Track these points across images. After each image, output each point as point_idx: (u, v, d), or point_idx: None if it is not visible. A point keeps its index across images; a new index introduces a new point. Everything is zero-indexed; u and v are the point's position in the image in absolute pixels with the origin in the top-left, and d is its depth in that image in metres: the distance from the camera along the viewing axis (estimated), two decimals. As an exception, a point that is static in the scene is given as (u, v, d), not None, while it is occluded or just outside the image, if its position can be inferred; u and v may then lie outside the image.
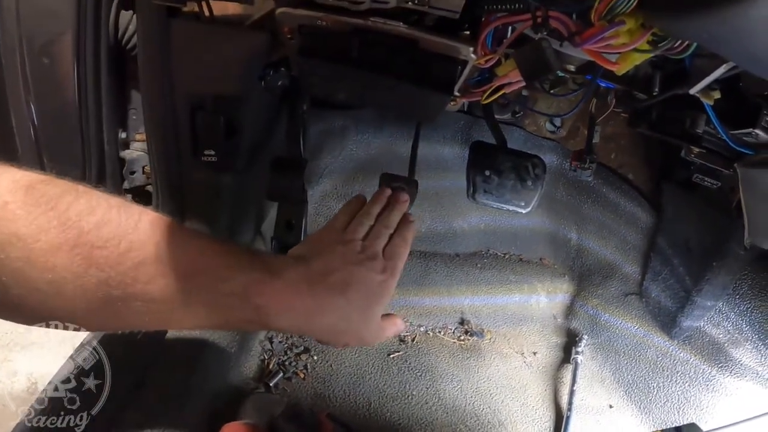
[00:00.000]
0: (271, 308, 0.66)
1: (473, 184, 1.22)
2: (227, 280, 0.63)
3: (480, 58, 0.93)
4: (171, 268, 0.59)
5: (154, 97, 1.17)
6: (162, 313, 0.61)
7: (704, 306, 1.69)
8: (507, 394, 1.63)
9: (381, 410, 1.48)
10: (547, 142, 1.98)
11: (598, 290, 1.97)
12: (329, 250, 0.78)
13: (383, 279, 0.78)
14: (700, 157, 1.43)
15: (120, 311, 0.59)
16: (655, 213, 1.89)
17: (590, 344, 1.85)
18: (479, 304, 1.91)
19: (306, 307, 0.69)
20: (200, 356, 1.30)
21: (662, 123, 1.38)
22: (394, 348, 1.67)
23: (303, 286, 0.70)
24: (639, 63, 0.81)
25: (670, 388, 1.71)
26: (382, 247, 0.83)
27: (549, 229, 2.10)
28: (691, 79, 0.98)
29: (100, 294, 0.56)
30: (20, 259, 0.51)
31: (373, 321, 0.78)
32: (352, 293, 0.73)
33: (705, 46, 0.72)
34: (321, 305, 0.71)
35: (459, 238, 2.05)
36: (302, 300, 0.69)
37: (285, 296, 0.68)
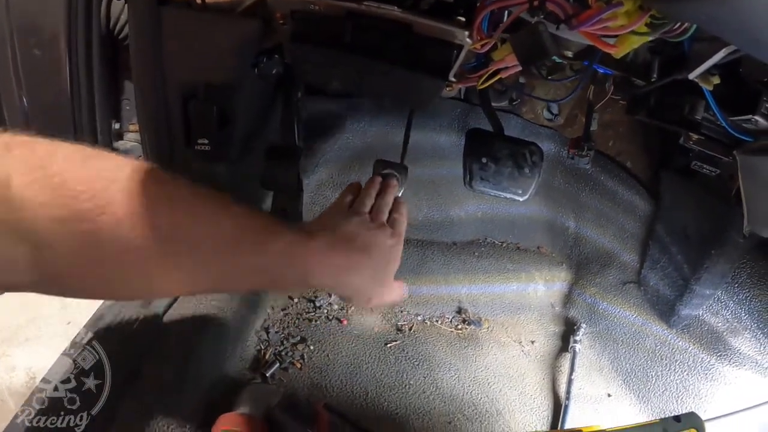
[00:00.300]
0: (313, 266, 0.73)
1: (470, 172, 1.21)
2: (273, 242, 0.68)
3: (475, 42, 0.92)
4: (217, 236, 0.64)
5: (147, 87, 1.15)
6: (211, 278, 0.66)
7: (703, 294, 1.68)
8: (505, 383, 1.62)
9: (378, 400, 1.47)
10: (544, 129, 1.97)
11: (596, 279, 1.96)
12: (346, 221, 0.86)
13: (393, 243, 0.87)
14: (698, 144, 1.42)
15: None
16: (654, 201, 1.87)
17: (588, 333, 1.84)
18: (477, 293, 1.90)
19: (339, 265, 0.77)
20: (196, 347, 1.30)
21: (661, 110, 1.37)
22: (392, 337, 1.66)
23: (335, 247, 0.78)
24: (637, 46, 0.80)
25: (668, 377, 1.71)
26: (385, 219, 0.92)
27: (547, 218, 2.09)
28: (690, 64, 0.97)
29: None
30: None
31: (389, 280, 0.87)
32: (374, 254, 0.82)
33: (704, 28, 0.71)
34: (351, 264, 0.79)
35: (456, 226, 2.04)
36: (337, 259, 0.77)
37: (323, 256, 0.75)
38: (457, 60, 0.98)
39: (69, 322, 2.05)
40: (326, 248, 0.75)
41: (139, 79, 1.16)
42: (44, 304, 2.11)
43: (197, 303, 1.39)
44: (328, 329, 1.63)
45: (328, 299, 1.70)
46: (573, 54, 1.11)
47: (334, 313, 1.68)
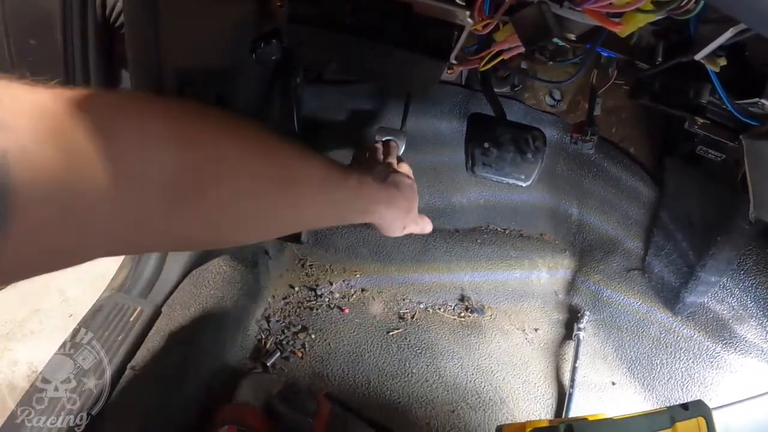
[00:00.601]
0: (373, 198, 0.91)
1: (472, 157, 1.20)
2: (349, 178, 0.82)
3: (477, 23, 0.90)
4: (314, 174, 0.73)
5: (142, 74, 1.13)
6: (309, 213, 0.77)
7: (708, 281, 1.66)
8: (508, 371, 1.61)
9: (380, 389, 1.46)
10: (546, 116, 1.94)
11: (600, 266, 1.95)
12: (372, 167, 1.04)
13: (411, 183, 1.06)
14: (704, 128, 1.39)
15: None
16: (658, 187, 1.86)
17: (592, 320, 1.83)
18: (479, 281, 1.89)
19: (384, 198, 0.94)
20: (196, 336, 1.29)
21: (665, 94, 1.35)
22: (394, 325, 1.65)
23: (380, 184, 0.96)
24: (643, 24, 0.78)
25: (673, 364, 1.69)
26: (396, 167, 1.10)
27: (549, 204, 2.08)
28: (696, 45, 0.95)
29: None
30: None
31: (415, 212, 1.05)
32: (402, 190, 1.00)
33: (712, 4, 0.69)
34: (392, 197, 0.97)
35: (458, 213, 2.03)
36: (383, 193, 0.95)
37: (377, 189, 0.93)
38: (459, 41, 0.96)
39: (71, 315, 2.05)
40: (376, 185, 0.92)
41: (134, 66, 1.14)
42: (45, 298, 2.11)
43: (196, 293, 1.38)
44: (329, 318, 1.62)
45: (329, 288, 1.70)
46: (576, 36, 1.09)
47: (336, 302, 1.67)
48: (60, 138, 0.42)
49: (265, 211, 0.66)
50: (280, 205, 0.67)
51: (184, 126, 0.54)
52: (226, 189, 0.58)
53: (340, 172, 0.79)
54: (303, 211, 0.74)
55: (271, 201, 0.65)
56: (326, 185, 0.76)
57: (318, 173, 0.74)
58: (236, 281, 1.46)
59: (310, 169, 0.72)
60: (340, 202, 0.81)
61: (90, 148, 0.44)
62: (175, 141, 0.52)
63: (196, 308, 1.35)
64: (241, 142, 0.60)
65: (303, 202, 0.72)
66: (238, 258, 1.50)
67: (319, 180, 0.74)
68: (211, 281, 1.41)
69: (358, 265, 1.82)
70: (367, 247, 1.85)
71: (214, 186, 0.56)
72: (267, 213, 0.66)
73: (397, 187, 0.99)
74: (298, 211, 0.72)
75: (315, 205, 0.76)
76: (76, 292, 2.14)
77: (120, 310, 1.30)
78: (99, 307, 1.31)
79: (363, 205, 0.87)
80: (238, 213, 0.61)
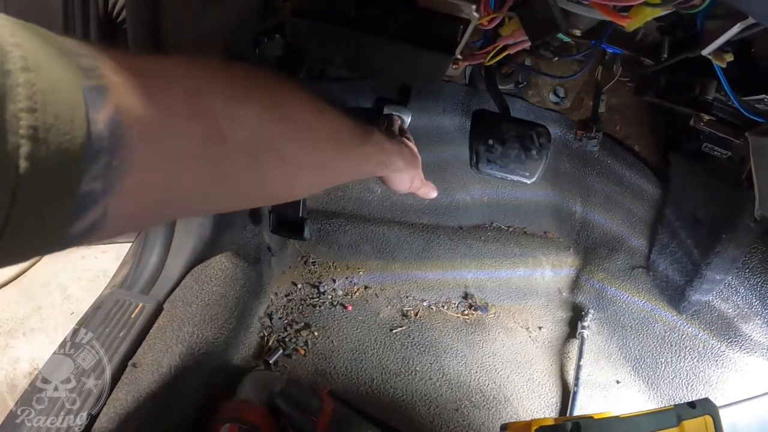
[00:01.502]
0: (392, 151, 0.96)
1: (476, 154, 1.19)
2: (373, 133, 0.87)
3: (483, 17, 0.90)
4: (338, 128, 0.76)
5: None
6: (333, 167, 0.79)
7: (713, 280, 1.66)
8: (512, 370, 1.61)
9: (384, 386, 1.46)
10: (550, 113, 1.94)
11: (604, 264, 1.94)
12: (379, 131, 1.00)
13: (413, 148, 1.11)
14: (709, 125, 1.39)
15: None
16: (662, 185, 1.85)
17: (596, 319, 1.83)
18: (483, 278, 1.89)
19: (398, 151, 1.00)
20: (198, 333, 1.28)
21: (670, 90, 1.35)
22: (397, 323, 1.65)
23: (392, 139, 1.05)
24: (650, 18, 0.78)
25: (678, 363, 1.69)
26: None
27: (553, 202, 2.07)
28: (703, 41, 0.95)
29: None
30: None
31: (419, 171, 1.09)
32: (404, 151, 1.04)
33: (722, -1, 0.69)
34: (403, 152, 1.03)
35: (462, 210, 2.02)
36: (397, 147, 1.00)
37: (393, 144, 0.99)
38: (464, 35, 0.95)
39: (72, 313, 2.05)
40: (388, 143, 0.95)
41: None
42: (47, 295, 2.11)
43: (198, 289, 1.37)
44: (332, 315, 1.62)
45: (332, 285, 1.69)
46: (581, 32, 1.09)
47: (339, 299, 1.67)
48: (161, 100, 0.44)
49: (321, 164, 0.73)
50: (329, 158, 0.74)
51: (262, 89, 0.59)
52: (293, 145, 0.63)
53: (366, 128, 0.85)
54: (346, 164, 0.82)
55: (324, 155, 0.72)
56: (361, 141, 0.83)
57: (355, 130, 0.80)
58: (239, 278, 1.45)
59: (349, 126, 0.78)
60: (370, 155, 0.88)
61: (186, 109, 0.46)
62: (254, 102, 0.56)
63: (198, 305, 1.34)
64: (300, 103, 0.65)
65: (345, 155, 0.80)
66: (240, 255, 1.50)
67: (357, 135, 0.81)
68: (213, 278, 1.41)
69: (361, 262, 1.81)
70: (370, 244, 1.84)
71: (285, 142, 0.61)
72: (323, 166, 0.73)
73: (400, 147, 1.03)
74: (343, 163, 0.81)
75: (353, 158, 0.83)
76: (78, 290, 2.14)
77: (121, 306, 1.30)
78: (100, 304, 1.30)
79: (384, 157, 0.93)
80: (301, 166, 0.65)
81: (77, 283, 2.16)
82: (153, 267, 1.40)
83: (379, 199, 1.91)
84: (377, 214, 1.91)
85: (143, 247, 1.39)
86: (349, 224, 1.85)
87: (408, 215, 1.95)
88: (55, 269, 2.22)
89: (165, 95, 0.45)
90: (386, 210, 1.92)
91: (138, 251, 1.39)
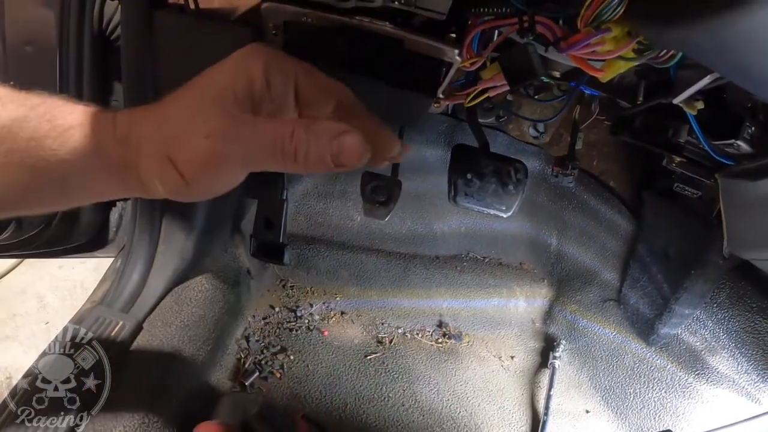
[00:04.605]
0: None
1: (454, 187, 1.21)
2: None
3: (465, 60, 0.93)
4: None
5: (136, 89, 1.15)
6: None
7: (682, 314, 1.69)
8: (484, 398, 1.63)
9: (357, 412, 1.47)
10: (530, 147, 1.97)
11: (577, 296, 1.98)
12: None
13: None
14: (681, 166, 1.43)
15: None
16: (635, 221, 1.89)
17: (568, 349, 1.86)
18: (458, 307, 1.91)
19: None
20: (176, 353, 1.29)
21: (645, 131, 1.38)
22: (372, 349, 1.66)
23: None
24: (623, 71, 0.81)
25: (646, 394, 1.72)
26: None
27: (529, 234, 2.10)
28: (676, 88, 0.98)
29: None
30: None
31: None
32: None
33: (691, 57, 0.73)
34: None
35: (439, 240, 2.04)
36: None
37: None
38: (446, 77, 0.98)
39: (47, 322, 2.04)
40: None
41: (128, 81, 1.16)
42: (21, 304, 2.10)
43: (178, 310, 1.38)
44: (308, 339, 1.63)
45: (309, 309, 1.71)
46: (560, 75, 1.12)
47: (315, 324, 1.68)
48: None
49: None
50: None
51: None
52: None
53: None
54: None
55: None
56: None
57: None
58: (218, 300, 1.47)
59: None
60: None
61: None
62: None
63: (177, 325, 1.35)
64: None
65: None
66: (220, 277, 1.51)
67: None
68: (193, 299, 1.42)
69: (338, 287, 1.83)
70: (348, 270, 1.86)
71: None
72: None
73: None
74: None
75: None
76: (54, 300, 2.13)
77: (101, 323, 1.31)
78: (80, 320, 1.31)
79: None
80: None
81: (54, 293, 2.15)
82: (134, 285, 1.41)
83: (358, 227, 1.92)
84: (356, 242, 1.92)
85: (125, 264, 1.39)
86: (328, 250, 1.86)
87: (386, 243, 1.96)
88: (32, 277, 2.21)
89: None
90: (364, 237, 1.93)
91: (119, 268, 1.40)
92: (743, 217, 1.17)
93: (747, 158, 1.11)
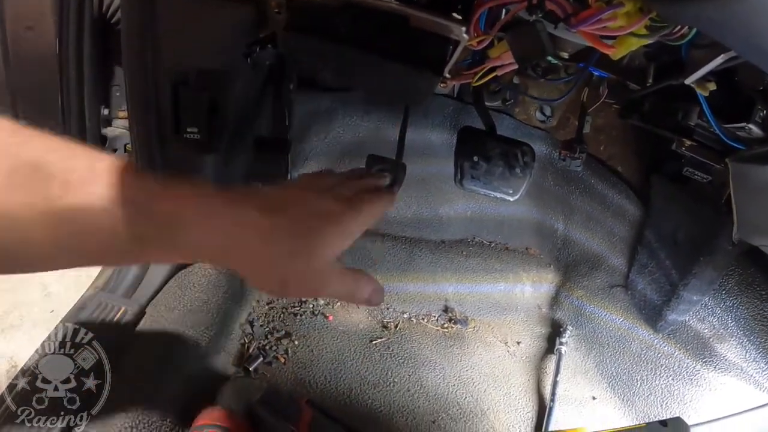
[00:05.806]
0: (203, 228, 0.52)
1: (461, 170, 1.20)
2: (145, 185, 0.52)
3: (472, 39, 0.91)
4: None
5: (137, 72, 1.13)
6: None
7: (690, 300, 1.68)
8: (490, 383, 1.62)
9: (362, 397, 1.46)
10: (536, 131, 1.96)
11: (584, 281, 1.96)
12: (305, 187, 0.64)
13: (337, 208, 0.60)
14: (691, 150, 1.41)
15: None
16: (643, 206, 1.87)
17: (574, 335, 1.84)
18: (464, 292, 1.90)
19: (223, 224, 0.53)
20: (179, 338, 1.28)
21: (654, 115, 1.37)
22: (377, 334, 1.66)
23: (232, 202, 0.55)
24: (636, 48, 0.79)
25: (653, 381, 1.70)
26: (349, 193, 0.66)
27: (536, 219, 2.09)
28: (687, 69, 0.96)
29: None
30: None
31: (318, 259, 0.57)
32: (290, 211, 0.57)
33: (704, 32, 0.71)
34: (242, 224, 0.54)
35: (445, 224, 2.03)
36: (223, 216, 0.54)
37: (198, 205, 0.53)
38: (453, 55, 0.96)
39: (52, 311, 2.04)
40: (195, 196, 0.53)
41: (129, 63, 1.14)
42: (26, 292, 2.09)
43: (181, 295, 1.38)
44: (313, 324, 1.62)
45: (314, 294, 1.69)
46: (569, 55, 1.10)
47: (320, 309, 1.67)
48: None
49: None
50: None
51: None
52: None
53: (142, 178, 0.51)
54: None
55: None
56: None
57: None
58: (222, 284, 1.46)
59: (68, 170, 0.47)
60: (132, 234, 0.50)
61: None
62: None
63: (180, 310, 1.34)
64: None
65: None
66: (224, 261, 1.50)
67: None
68: (196, 284, 1.41)
69: (343, 272, 1.81)
70: (352, 256, 1.85)
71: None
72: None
73: (272, 212, 0.55)
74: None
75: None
76: (59, 288, 2.13)
77: (104, 308, 1.30)
78: (83, 305, 1.30)
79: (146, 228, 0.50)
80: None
81: (59, 281, 2.15)
82: (136, 271, 1.41)
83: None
84: (361, 225, 1.89)
85: (127, 250, 1.38)
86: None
87: (391, 227, 1.95)
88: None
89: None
90: (369, 221, 1.90)
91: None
92: (754, 202, 1.15)
93: (758, 142, 1.09)
